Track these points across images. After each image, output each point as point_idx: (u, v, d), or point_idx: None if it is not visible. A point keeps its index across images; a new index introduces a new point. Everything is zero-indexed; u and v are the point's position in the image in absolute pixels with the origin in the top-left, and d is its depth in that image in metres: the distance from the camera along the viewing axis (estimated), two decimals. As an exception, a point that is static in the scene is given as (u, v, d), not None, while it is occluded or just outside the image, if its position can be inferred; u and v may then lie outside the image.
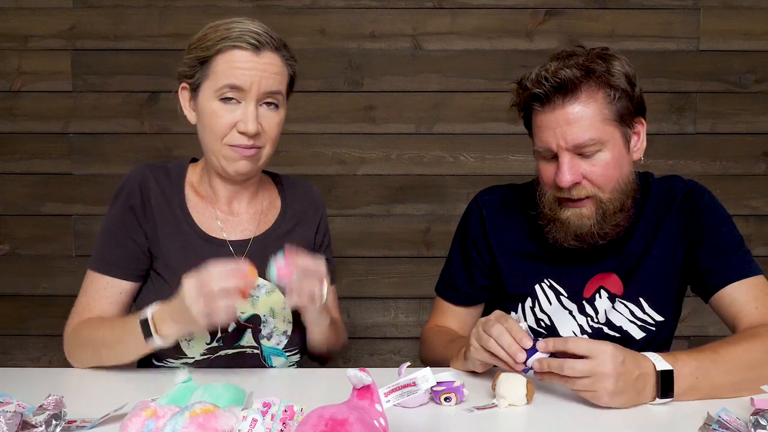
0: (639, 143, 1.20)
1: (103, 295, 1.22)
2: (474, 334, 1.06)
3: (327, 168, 2.06)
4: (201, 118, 1.19)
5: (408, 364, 0.97)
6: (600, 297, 1.25)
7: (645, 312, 1.24)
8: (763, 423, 0.83)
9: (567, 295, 1.26)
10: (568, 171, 1.13)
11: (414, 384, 0.78)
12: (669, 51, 2.03)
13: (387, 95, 2.05)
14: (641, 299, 1.24)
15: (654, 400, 0.97)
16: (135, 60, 2.03)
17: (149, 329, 1.07)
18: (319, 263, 1.08)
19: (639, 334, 1.24)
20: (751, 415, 0.84)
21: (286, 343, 1.24)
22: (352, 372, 0.76)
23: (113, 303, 1.22)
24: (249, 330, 1.22)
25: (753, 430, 0.83)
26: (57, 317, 2.13)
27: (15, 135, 2.04)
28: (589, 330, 1.25)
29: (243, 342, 1.22)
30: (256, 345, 1.23)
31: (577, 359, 0.94)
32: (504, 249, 1.31)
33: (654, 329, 1.24)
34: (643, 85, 1.20)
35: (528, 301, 1.28)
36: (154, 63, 2.02)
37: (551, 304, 1.27)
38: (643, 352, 0.99)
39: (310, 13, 2.03)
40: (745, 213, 2.04)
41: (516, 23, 2.03)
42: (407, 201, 2.07)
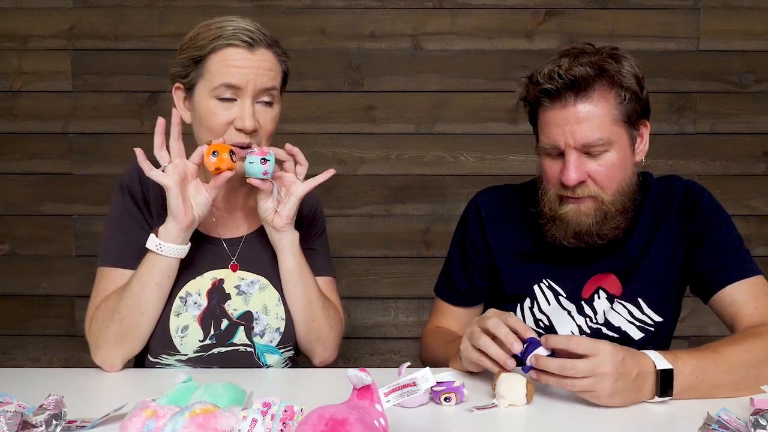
0: (642, 145, 1.20)
1: (116, 287, 1.20)
2: (467, 332, 1.06)
3: (327, 168, 2.05)
4: (197, 116, 1.19)
5: (408, 364, 0.97)
6: (599, 298, 1.25)
7: (644, 312, 1.24)
8: (763, 423, 0.83)
9: (566, 296, 1.26)
10: (574, 170, 1.12)
11: (414, 384, 0.78)
12: (669, 51, 2.03)
13: (387, 95, 2.05)
14: (640, 300, 1.24)
15: (653, 398, 0.97)
16: (135, 60, 2.03)
17: (154, 242, 1.13)
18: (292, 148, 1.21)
19: (638, 334, 1.24)
20: (751, 415, 0.84)
21: (279, 340, 1.24)
22: (352, 372, 0.76)
23: None
24: (242, 328, 1.22)
25: (753, 430, 0.83)
26: (57, 317, 2.14)
27: (15, 135, 2.04)
28: (588, 330, 1.25)
29: (235, 340, 1.22)
30: (249, 343, 1.23)
31: (578, 359, 0.94)
32: (502, 249, 1.31)
33: (653, 330, 1.24)
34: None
35: (527, 302, 1.28)
36: (154, 63, 2.02)
37: (550, 304, 1.27)
38: (643, 350, 0.99)
39: (310, 13, 2.03)
40: (745, 213, 2.04)
41: (516, 23, 2.03)
42: (407, 201, 2.07)
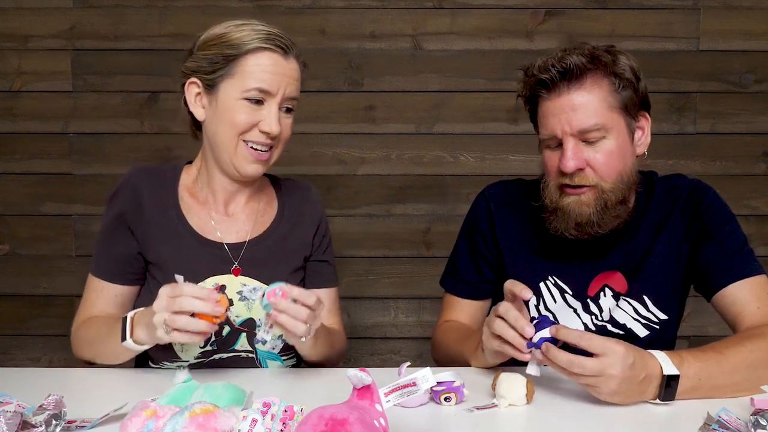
0: (643, 138, 1.21)
1: (100, 297, 1.24)
2: (486, 321, 1.06)
3: (327, 168, 2.06)
4: (219, 113, 1.17)
5: (408, 364, 0.97)
6: (604, 296, 1.24)
7: (649, 310, 1.23)
8: (763, 423, 0.83)
9: (572, 293, 1.26)
10: (572, 156, 1.13)
11: (414, 384, 0.78)
12: (669, 51, 2.03)
13: (387, 95, 2.05)
14: (645, 297, 1.23)
15: (654, 399, 0.97)
16: (135, 60, 2.03)
17: (125, 331, 1.07)
18: (311, 296, 1.03)
19: (643, 332, 1.23)
20: (751, 415, 0.84)
21: (281, 348, 1.24)
22: (352, 372, 0.76)
23: (110, 305, 1.23)
24: (244, 334, 1.22)
25: (753, 430, 0.83)
26: (57, 317, 2.13)
27: (15, 135, 2.04)
28: (594, 328, 1.25)
29: (237, 346, 1.21)
30: (251, 349, 1.22)
31: (587, 357, 0.93)
32: (510, 244, 1.31)
33: (658, 327, 1.24)
34: (643, 85, 1.20)
35: (533, 299, 1.27)
36: (154, 63, 2.02)
37: (556, 302, 1.26)
38: (651, 350, 0.98)
39: (310, 13, 2.03)
40: (745, 213, 2.04)
41: (516, 23, 2.03)
42: (407, 201, 2.07)
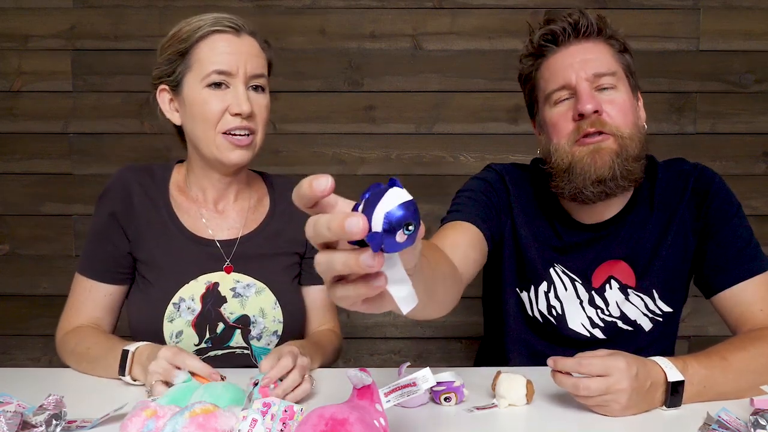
0: (641, 112, 1.20)
1: (89, 297, 1.23)
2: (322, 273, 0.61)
3: (327, 168, 2.06)
4: (189, 110, 1.17)
5: (408, 364, 0.97)
6: (610, 288, 1.21)
7: (656, 304, 1.21)
8: (763, 423, 0.83)
9: (581, 282, 1.22)
10: (589, 98, 1.10)
11: (414, 384, 0.78)
12: (669, 51, 2.03)
13: (387, 95, 2.05)
14: (654, 291, 1.21)
15: (661, 407, 0.95)
16: (135, 60, 2.03)
17: (125, 364, 1.05)
18: (302, 359, 1.00)
19: (648, 325, 1.22)
20: (751, 415, 0.84)
21: (277, 343, 1.24)
22: (352, 372, 0.76)
23: (99, 308, 1.23)
24: (238, 331, 1.22)
25: (753, 430, 0.83)
26: (57, 317, 2.11)
27: (15, 135, 2.04)
28: (601, 324, 1.22)
29: (232, 343, 1.21)
30: (246, 346, 1.22)
31: (591, 378, 0.91)
32: (523, 220, 1.24)
33: (662, 320, 1.22)
34: (643, 85, 1.22)
35: (543, 285, 1.24)
36: (154, 63, 2.01)
37: (567, 290, 1.23)
38: (652, 357, 0.96)
39: (310, 13, 2.03)
40: (745, 213, 2.03)
41: (516, 23, 2.03)
42: (407, 201, 2.07)
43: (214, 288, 1.21)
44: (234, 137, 1.16)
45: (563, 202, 1.24)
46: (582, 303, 1.23)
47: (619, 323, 1.22)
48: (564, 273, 1.23)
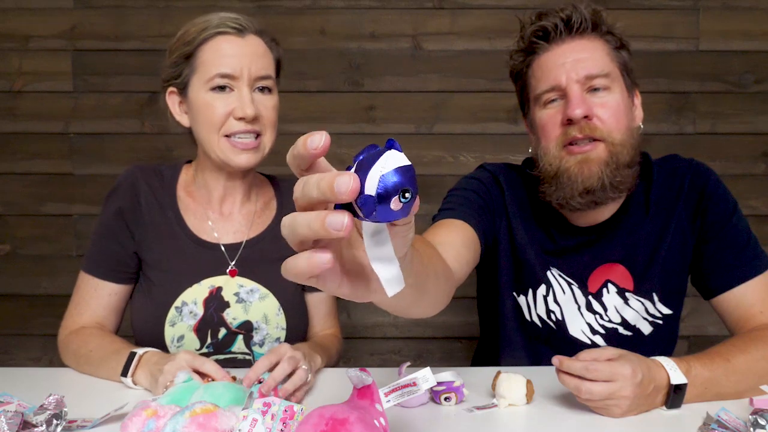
0: (638, 112, 1.17)
1: (93, 296, 1.22)
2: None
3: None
4: (195, 113, 1.17)
5: (408, 364, 0.97)
6: (608, 292, 1.19)
7: (655, 307, 1.19)
8: (762, 423, 0.83)
9: (577, 286, 1.20)
10: (579, 102, 1.06)
11: (414, 384, 0.78)
12: (669, 51, 2.03)
13: (387, 95, 2.05)
14: (654, 294, 1.19)
15: (662, 407, 0.95)
16: (135, 60, 2.03)
17: (130, 365, 1.04)
18: (288, 365, 0.97)
19: (648, 329, 1.20)
20: (751, 415, 0.84)
21: None
22: (352, 372, 0.76)
23: (103, 307, 1.22)
24: (241, 336, 1.21)
25: (752, 429, 0.83)
26: (58, 317, 2.11)
27: (16, 135, 2.05)
28: (602, 330, 1.20)
29: (234, 348, 1.21)
30: (248, 351, 1.21)
31: (595, 382, 0.90)
32: (518, 221, 1.22)
33: (661, 323, 1.20)
34: (643, 86, 1.20)
35: (541, 288, 1.21)
36: (154, 63, 2.01)
37: (564, 293, 1.20)
38: (657, 357, 0.96)
39: (310, 13, 2.03)
40: (745, 213, 2.01)
41: (516, 23, 2.01)
42: (407, 201, 2.07)
43: (217, 292, 1.20)
44: (238, 141, 1.15)
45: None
46: (580, 308, 1.20)
47: (620, 329, 1.20)
48: (561, 277, 1.21)
